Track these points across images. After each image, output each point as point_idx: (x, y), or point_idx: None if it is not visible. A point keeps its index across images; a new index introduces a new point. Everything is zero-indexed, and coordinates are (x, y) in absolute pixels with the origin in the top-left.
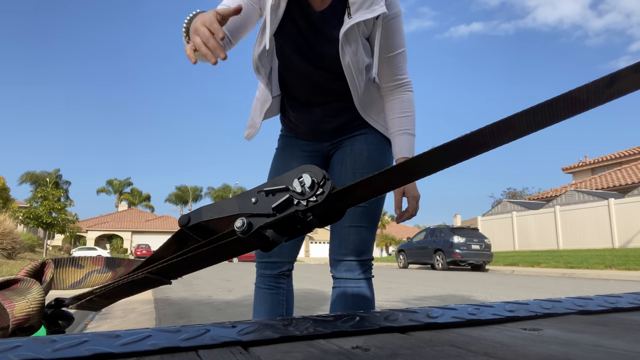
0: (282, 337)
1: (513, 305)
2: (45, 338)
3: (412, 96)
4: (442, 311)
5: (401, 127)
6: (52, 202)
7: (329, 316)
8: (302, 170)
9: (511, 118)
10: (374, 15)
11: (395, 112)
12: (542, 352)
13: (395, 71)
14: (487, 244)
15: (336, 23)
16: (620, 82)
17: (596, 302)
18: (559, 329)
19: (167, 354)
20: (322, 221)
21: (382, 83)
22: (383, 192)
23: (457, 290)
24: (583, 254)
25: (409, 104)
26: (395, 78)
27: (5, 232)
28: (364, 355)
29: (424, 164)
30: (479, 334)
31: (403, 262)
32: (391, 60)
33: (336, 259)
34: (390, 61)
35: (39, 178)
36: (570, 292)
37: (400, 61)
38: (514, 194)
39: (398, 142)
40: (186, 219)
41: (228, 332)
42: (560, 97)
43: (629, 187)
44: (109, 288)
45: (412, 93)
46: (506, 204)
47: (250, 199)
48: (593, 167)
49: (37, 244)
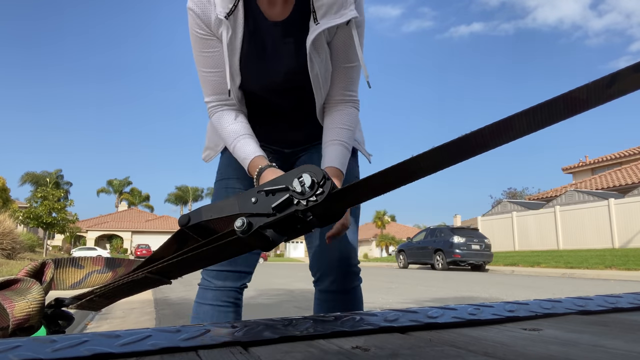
0: (282, 337)
1: (513, 305)
2: (45, 338)
3: (358, 114)
4: (442, 311)
5: (338, 137)
6: (52, 202)
7: (329, 316)
8: (302, 170)
9: (511, 118)
10: (344, 20)
11: (335, 123)
12: (542, 352)
13: (349, 85)
14: (487, 244)
15: (298, 32)
16: (620, 82)
17: (596, 302)
18: (559, 329)
19: (167, 354)
20: (322, 221)
21: (330, 96)
22: (383, 192)
23: (457, 290)
24: (583, 254)
25: (352, 118)
26: (346, 93)
27: (5, 232)
28: (364, 355)
29: (424, 163)
30: (479, 334)
31: (403, 262)
32: (348, 72)
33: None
34: (347, 73)
35: (39, 178)
36: (570, 292)
37: (355, 76)
38: (514, 194)
39: (330, 152)
40: (186, 218)
41: (228, 332)
42: (560, 97)
43: (629, 187)
44: (109, 288)
45: (358, 111)
46: (506, 204)
47: (250, 198)
48: (593, 167)
49: (37, 244)
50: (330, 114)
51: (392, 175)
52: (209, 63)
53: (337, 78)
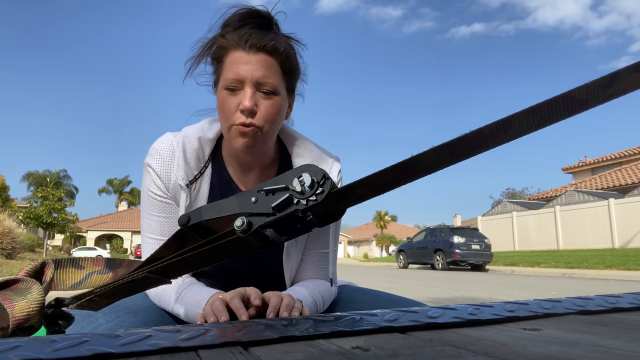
0: (282, 337)
1: (513, 305)
2: (45, 338)
3: (334, 291)
4: (442, 311)
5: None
6: (52, 202)
7: (329, 316)
8: (302, 169)
9: (511, 118)
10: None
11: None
12: (542, 352)
13: (322, 271)
14: (487, 244)
15: None
16: (620, 82)
17: (596, 302)
18: (559, 329)
19: (167, 354)
20: (322, 220)
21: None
22: (382, 191)
23: (457, 290)
24: (583, 254)
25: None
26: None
27: (5, 232)
28: (364, 355)
29: (423, 163)
30: (479, 334)
31: (403, 262)
32: (322, 257)
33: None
34: (321, 258)
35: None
36: (570, 292)
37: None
38: (514, 194)
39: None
40: (186, 218)
41: (228, 332)
42: (560, 97)
43: (629, 187)
44: (109, 288)
45: (335, 290)
46: (506, 204)
47: (250, 198)
48: (593, 167)
49: (37, 244)
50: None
51: (392, 174)
52: (155, 229)
53: (310, 262)
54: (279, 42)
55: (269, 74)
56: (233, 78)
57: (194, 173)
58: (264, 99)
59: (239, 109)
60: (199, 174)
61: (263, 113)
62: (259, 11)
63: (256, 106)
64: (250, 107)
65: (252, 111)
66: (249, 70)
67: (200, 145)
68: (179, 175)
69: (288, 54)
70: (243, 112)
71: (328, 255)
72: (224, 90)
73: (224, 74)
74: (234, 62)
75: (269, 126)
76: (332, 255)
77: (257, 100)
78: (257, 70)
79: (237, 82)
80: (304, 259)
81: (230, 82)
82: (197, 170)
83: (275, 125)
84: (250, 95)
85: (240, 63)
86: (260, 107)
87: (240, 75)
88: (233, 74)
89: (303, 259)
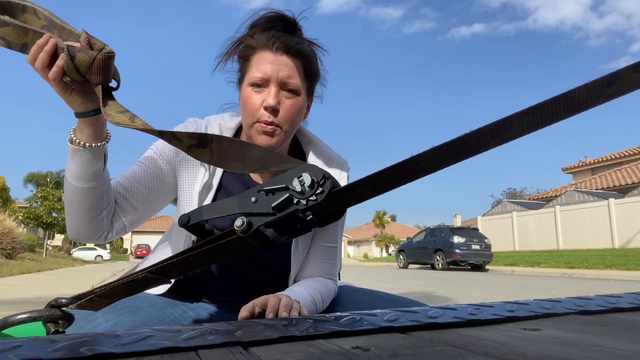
0: (282, 337)
1: (513, 305)
2: (45, 338)
3: (334, 289)
4: (442, 311)
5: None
6: (52, 202)
7: (329, 316)
8: (302, 169)
9: (511, 117)
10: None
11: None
12: (542, 352)
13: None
14: (487, 244)
15: None
16: (620, 82)
17: (596, 302)
18: (559, 329)
19: (167, 354)
20: (321, 220)
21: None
22: (382, 191)
23: (457, 290)
24: (583, 254)
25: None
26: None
27: (5, 232)
28: (364, 355)
29: (424, 163)
30: (479, 334)
31: (403, 262)
32: (328, 251)
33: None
34: (327, 252)
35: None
36: (570, 292)
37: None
38: (514, 194)
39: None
40: (186, 218)
41: (228, 332)
42: (560, 97)
43: (629, 187)
44: (109, 288)
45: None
46: (506, 204)
47: (250, 198)
48: (593, 167)
49: (37, 244)
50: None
51: (392, 174)
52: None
53: (316, 256)
54: (303, 46)
55: (293, 75)
56: (259, 76)
57: None
58: (286, 98)
59: (263, 105)
60: None
61: (285, 112)
62: (285, 16)
63: (279, 104)
64: (274, 105)
65: (275, 109)
66: (275, 69)
67: (220, 132)
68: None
69: (310, 57)
70: (267, 109)
71: (335, 250)
72: (248, 87)
73: (250, 71)
74: (261, 61)
75: (289, 125)
76: (338, 251)
77: (280, 99)
78: (282, 70)
79: (262, 80)
80: (310, 253)
81: (257, 80)
82: None
83: (294, 125)
84: (275, 93)
85: (267, 62)
86: (283, 105)
87: (267, 74)
88: (260, 72)
89: (309, 253)
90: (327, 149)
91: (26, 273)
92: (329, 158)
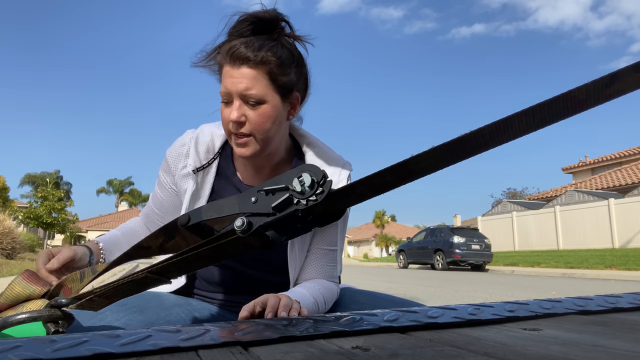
0: (282, 337)
1: (513, 305)
2: (45, 338)
3: (336, 291)
4: (442, 311)
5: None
6: (52, 202)
7: (329, 316)
8: (302, 169)
9: (511, 117)
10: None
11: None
12: (542, 352)
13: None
14: (487, 244)
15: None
16: (619, 82)
17: (596, 302)
18: (559, 329)
19: (167, 354)
20: (322, 220)
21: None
22: (382, 191)
23: (457, 290)
24: (583, 254)
25: (329, 291)
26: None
27: (5, 232)
28: (364, 355)
29: (424, 163)
30: (479, 334)
31: (403, 262)
32: (328, 254)
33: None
34: (326, 255)
35: (38, 179)
36: (570, 292)
37: (335, 260)
38: (514, 194)
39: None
40: (186, 218)
41: (228, 332)
42: (560, 97)
43: (629, 187)
44: (109, 288)
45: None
46: (506, 204)
47: (250, 198)
48: (593, 167)
49: (37, 244)
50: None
51: (392, 174)
52: (155, 201)
53: (316, 259)
54: (265, 50)
55: (253, 85)
56: (223, 92)
57: (202, 162)
58: (251, 109)
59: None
60: (207, 163)
61: (252, 123)
62: (258, 16)
63: (245, 116)
64: (235, 119)
65: (239, 122)
66: (233, 83)
67: (212, 139)
68: (188, 162)
69: (277, 59)
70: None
71: (335, 253)
72: (221, 102)
73: (221, 86)
74: (224, 76)
75: (261, 133)
76: (339, 254)
77: (244, 111)
78: (241, 82)
79: (226, 95)
80: (310, 256)
81: (222, 96)
82: (205, 161)
83: (269, 131)
84: (237, 107)
85: (227, 77)
86: (249, 117)
87: (227, 89)
88: (223, 87)
89: (308, 256)
90: (328, 150)
91: None
92: (329, 159)
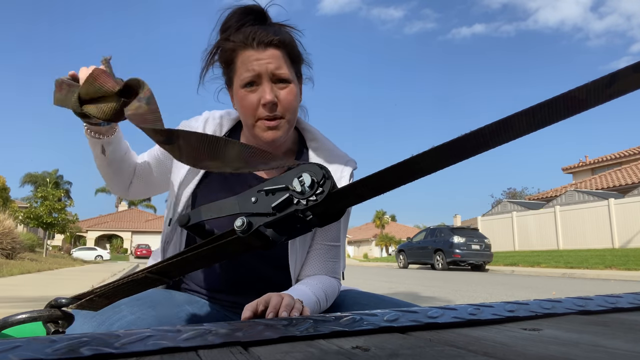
0: (282, 337)
1: (513, 305)
2: (45, 338)
3: (338, 288)
4: (442, 311)
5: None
6: (53, 202)
7: (329, 316)
8: (302, 169)
9: (511, 117)
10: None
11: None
12: (542, 352)
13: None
14: (487, 244)
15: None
16: (620, 82)
17: (596, 302)
18: (559, 329)
19: (167, 354)
20: (322, 220)
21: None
22: (383, 191)
23: (457, 290)
24: (583, 254)
25: (331, 287)
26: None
27: (5, 232)
28: (364, 355)
29: (424, 163)
30: (479, 334)
31: (403, 262)
32: (330, 250)
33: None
34: (329, 251)
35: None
36: (570, 292)
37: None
38: (514, 194)
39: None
40: (186, 218)
41: (228, 332)
42: (560, 97)
43: (629, 187)
44: (109, 288)
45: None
46: (506, 204)
47: (250, 198)
48: (593, 167)
49: (37, 244)
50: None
51: (392, 174)
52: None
53: (318, 255)
54: (281, 33)
55: (281, 65)
56: (250, 75)
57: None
58: (281, 88)
59: (262, 103)
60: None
61: (284, 102)
62: (252, 8)
63: (276, 97)
64: (272, 100)
65: (274, 103)
66: (262, 65)
67: (221, 122)
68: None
69: (291, 42)
70: (265, 105)
71: (338, 249)
72: (241, 89)
73: (238, 73)
74: (247, 61)
75: (291, 114)
76: (341, 249)
77: (276, 92)
78: (270, 63)
79: (254, 78)
80: (312, 252)
81: (248, 79)
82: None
83: (295, 112)
84: (270, 88)
85: (252, 60)
86: (280, 97)
87: (256, 71)
88: (249, 71)
89: (311, 252)
90: (332, 146)
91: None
92: (333, 155)
